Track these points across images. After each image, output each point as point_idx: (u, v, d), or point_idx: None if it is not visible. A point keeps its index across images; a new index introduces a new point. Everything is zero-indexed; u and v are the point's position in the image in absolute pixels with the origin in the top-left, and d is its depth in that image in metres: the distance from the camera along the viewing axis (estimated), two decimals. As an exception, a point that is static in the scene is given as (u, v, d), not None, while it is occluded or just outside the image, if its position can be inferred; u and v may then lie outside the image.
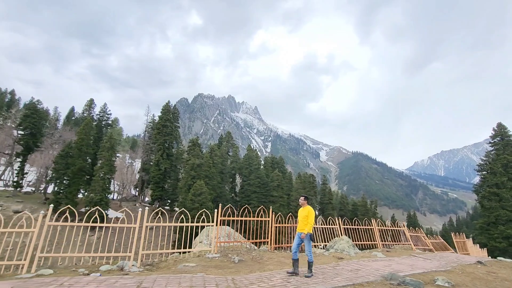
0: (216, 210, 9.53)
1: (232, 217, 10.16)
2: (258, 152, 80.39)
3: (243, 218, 10.49)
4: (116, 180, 57.67)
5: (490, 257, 18.24)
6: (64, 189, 41.99)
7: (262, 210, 11.13)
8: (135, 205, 55.63)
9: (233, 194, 60.35)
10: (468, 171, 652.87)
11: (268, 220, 10.96)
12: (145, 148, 58.16)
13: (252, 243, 10.86)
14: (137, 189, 59.14)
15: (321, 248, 11.09)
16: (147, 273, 6.17)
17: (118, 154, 56.47)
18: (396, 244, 12.84)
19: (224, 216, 9.92)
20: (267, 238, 10.77)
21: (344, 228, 12.71)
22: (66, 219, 8.21)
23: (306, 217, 6.78)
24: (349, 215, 73.86)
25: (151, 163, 57.07)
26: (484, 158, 32.87)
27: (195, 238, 11.76)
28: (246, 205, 54.78)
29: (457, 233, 18.08)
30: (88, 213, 9.34)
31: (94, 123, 52.81)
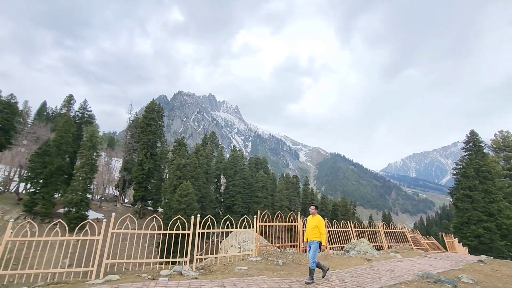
0: (255, 216, 9.90)
1: (269, 222, 10.51)
2: (238, 152, 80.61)
3: (277, 223, 10.89)
4: (94, 179, 55.48)
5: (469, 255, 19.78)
6: (41, 189, 39.82)
7: (292, 216, 11.53)
8: (116, 205, 53.89)
9: (217, 195, 60.15)
10: (437, 172, 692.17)
11: (296, 225, 11.38)
12: (127, 147, 56.45)
13: (278, 247, 11.29)
14: (118, 189, 57.29)
15: (339, 250, 11.64)
16: (211, 276, 6.51)
17: (101, 153, 54.38)
18: (397, 245, 13.69)
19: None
20: (296, 242, 11.20)
21: (356, 230, 13.31)
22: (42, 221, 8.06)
23: (316, 227, 6.98)
24: (329, 215, 76.03)
25: (134, 163, 55.56)
26: (459, 163, 35.43)
27: (180, 244, 11.82)
28: (230, 205, 54.31)
29: (447, 233, 19.47)
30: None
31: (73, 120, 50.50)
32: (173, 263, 7.92)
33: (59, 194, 43.30)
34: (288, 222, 11.28)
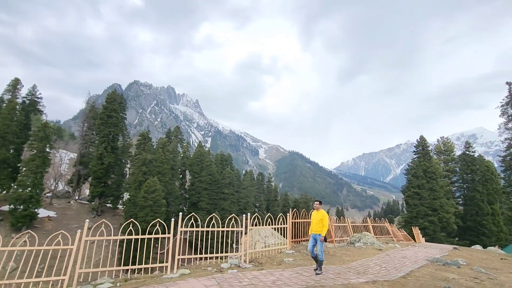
0: (288, 214, 10.36)
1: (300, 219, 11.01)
2: (204, 148, 79.44)
3: (307, 220, 11.31)
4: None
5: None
6: (-20, 184, 35.05)
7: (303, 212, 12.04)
8: (69, 202, 49.64)
9: (183, 191, 58.84)
10: (382, 171, 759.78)
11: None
12: (83, 139, 52.11)
13: (298, 241, 11.86)
14: (71, 185, 52.72)
15: (340, 243, 12.65)
16: (267, 267, 6.98)
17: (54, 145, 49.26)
18: (381, 237, 15.35)
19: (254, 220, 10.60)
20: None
21: (351, 225, 14.48)
22: None
23: (321, 220, 7.45)
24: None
25: (91, 156, 51.55)
26: (411, 164, 40.01)
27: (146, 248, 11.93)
28: (196, 202, 53.93)
29: (413, 227, 22.17)
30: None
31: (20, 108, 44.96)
32: (152, 269, 7.87)
33: (4, 190, 38.55)
34: (303, 218, 11.85)
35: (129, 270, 8.20)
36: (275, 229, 10.75)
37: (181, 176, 59.82)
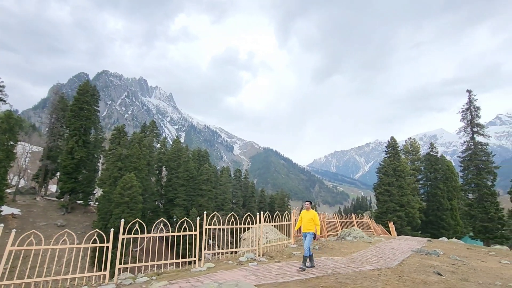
0: (292, 211, 10.96)
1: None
2: (170, 141, 77.98)
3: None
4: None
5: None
6: None
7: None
8: (35, 199, 46.63)
9: (159, 187, 57.61)
10: (352, 169, 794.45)
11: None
12: (51, 132, 49.03)
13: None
14: (37, 180, 49.47)
15: (332, 237, 13.45)
16: (281, 260, 7.50)
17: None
18: (362, 231, 16.51)
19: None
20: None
21: (340, 221, 15.40)
22: None
23: (312, 219, 7.78)
24: (267, 207, 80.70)
25: (59, 150, 48.73)
26: (382, 163, 42.66)
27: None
28: (172, 198, 53.36)
29: (388, 221, 23.86)
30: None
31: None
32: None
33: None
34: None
35: (162, 264, 8.38)
36: (275, 226, 11.33)
37: (157, 172, 58.49)
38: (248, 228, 10.89)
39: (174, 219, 57.91)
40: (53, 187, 64.02)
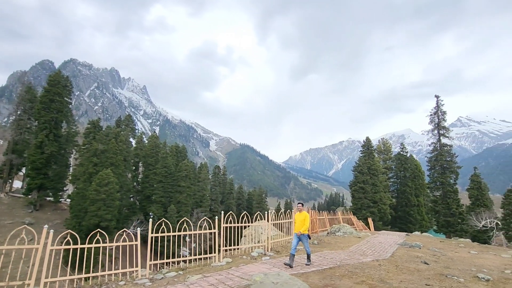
0: (293, 209, 11.65)
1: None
2: (144, 136, 76.10)
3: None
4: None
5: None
6: None
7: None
8: (-1, 196, 43.40)
9: (135, 183, 56.06)
10: (326, 166, 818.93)
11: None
12: (17, 125, 45.80)
13: None
14: (1, 176, 46.03)
15: (322, 232, 14.17)
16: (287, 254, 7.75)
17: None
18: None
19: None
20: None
21: (328, 218, 16.20)
22: None
23: (303, 221, 8.09)
24: (245, 204, 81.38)
25: (26, 144, 45.71)
26: (358, 162, 44.92)
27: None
28: (149, 195, 52.63)
29: (368, 218, 25.39)
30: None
31: None
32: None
33: None
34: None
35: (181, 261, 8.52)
36: (274, 225, 11.84)
37: (134, 168, 56.83)
38: (246, 227, 11.33)
39: (151, 216, 56.72)
40: (17, 183, 59.84)
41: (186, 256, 8.66)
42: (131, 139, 61.92)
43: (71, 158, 50.02)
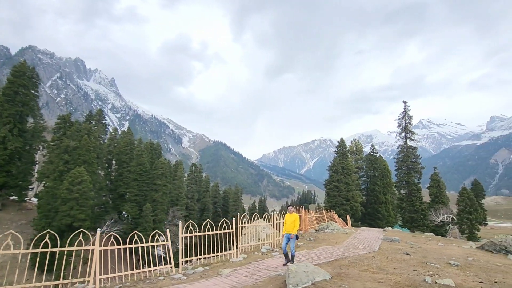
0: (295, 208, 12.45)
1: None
2: (110, 130, 73.63)
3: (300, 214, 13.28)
4: None
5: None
6: None
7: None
8: (-47, 195, 39.75)
9: (108, 182, 54.01)
10: (298, 164, 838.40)
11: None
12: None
13: None
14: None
15: (312, 230, 15.09)
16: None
17: None
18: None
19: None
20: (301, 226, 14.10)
21: (315, 216, 17.17)
22: None
23: (294, 222, 8.52)
24: (221, 202, 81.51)
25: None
26: (332, 162, 47.24)
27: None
28: (123, 193, 51.60)
29: (348, 215, 27.03)
30: None
31: None
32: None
33: None
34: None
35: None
36: (272, 224, 12.71)
37: (106, 165, 54.71)
38: (243, 227, 11.97)
39: (125, 215, 55.05)
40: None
41: (161, 256, 9.08)
42: (103, 135, 59.41)
43: (37, 154, 46.94)
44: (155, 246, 8.50)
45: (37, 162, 46.12)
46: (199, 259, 8.10)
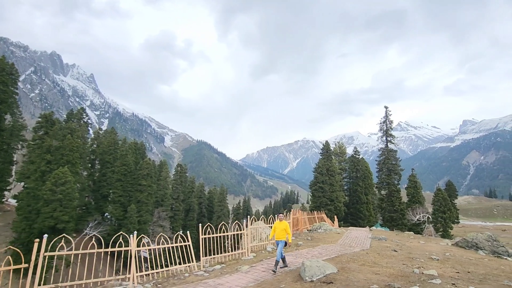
0: (290, 212, 12.94)
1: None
2: (90, 129, 71.97)
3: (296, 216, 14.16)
4: None
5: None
6: None
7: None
8: None
9: (91, 182, 52.74)
10: (282, 164, 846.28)
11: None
12: None
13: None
14: None
15: (305, 230, 15.85)
16: (297, 248, 9.74)
17: None
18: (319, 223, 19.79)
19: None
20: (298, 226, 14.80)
21: (307, 217, 17.98)
22: None
23: (284, 230, 8.77)
24: (206, 202, 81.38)
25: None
26: (318, 163, 48.72)
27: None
28: (107, 194, 50.98)
29: (335, 215, 28.18)
30: None
31: None
32: None
33: None
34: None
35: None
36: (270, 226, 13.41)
37: (90, 165, 53.42)
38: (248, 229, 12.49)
39: (108, 217, 53.87)
40: None
41: (146, 257, 9.57)
42: (85, 134, 57.84)
43: (16, 154, 45.14)
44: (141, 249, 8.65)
45: (15, 162, 44.36)
46: (214, 258, 8.69)
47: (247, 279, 6.60)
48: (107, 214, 53.99)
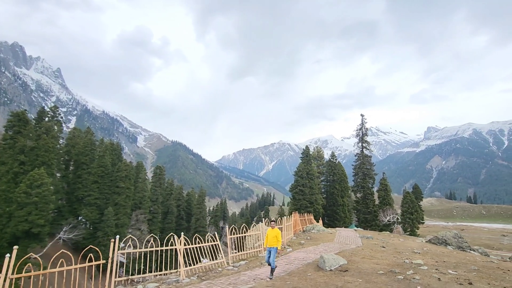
0: (291, 215, 13.87)
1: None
2: (64, 128, 69.09)
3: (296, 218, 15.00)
4: None
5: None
6: None
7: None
8: None
9: (65, 184, 50.50)
10: (258, 166, 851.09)
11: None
12: None
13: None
14: None
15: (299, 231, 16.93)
16: (300, 247, 10.64)
17: None
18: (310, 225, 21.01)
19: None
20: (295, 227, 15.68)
21: (300, 219, 19.06)
22: None
23: (276, 237, 8.87)
24: (184, 205, 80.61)
25: None
26: (298, 167, 50.60)
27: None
28: (82, 197, 50.15)
29: (320, 217, 29.64)
30: None
31: None
32: None
33: None
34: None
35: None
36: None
37: (64, 166, 51.17)
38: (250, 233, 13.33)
39: (83, 220, 51.78)
40: None
41: (123, 263, 10.34)
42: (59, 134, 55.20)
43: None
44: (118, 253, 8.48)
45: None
46: (238, 255, 9.57)
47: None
48: (80, 217, 51.97)
